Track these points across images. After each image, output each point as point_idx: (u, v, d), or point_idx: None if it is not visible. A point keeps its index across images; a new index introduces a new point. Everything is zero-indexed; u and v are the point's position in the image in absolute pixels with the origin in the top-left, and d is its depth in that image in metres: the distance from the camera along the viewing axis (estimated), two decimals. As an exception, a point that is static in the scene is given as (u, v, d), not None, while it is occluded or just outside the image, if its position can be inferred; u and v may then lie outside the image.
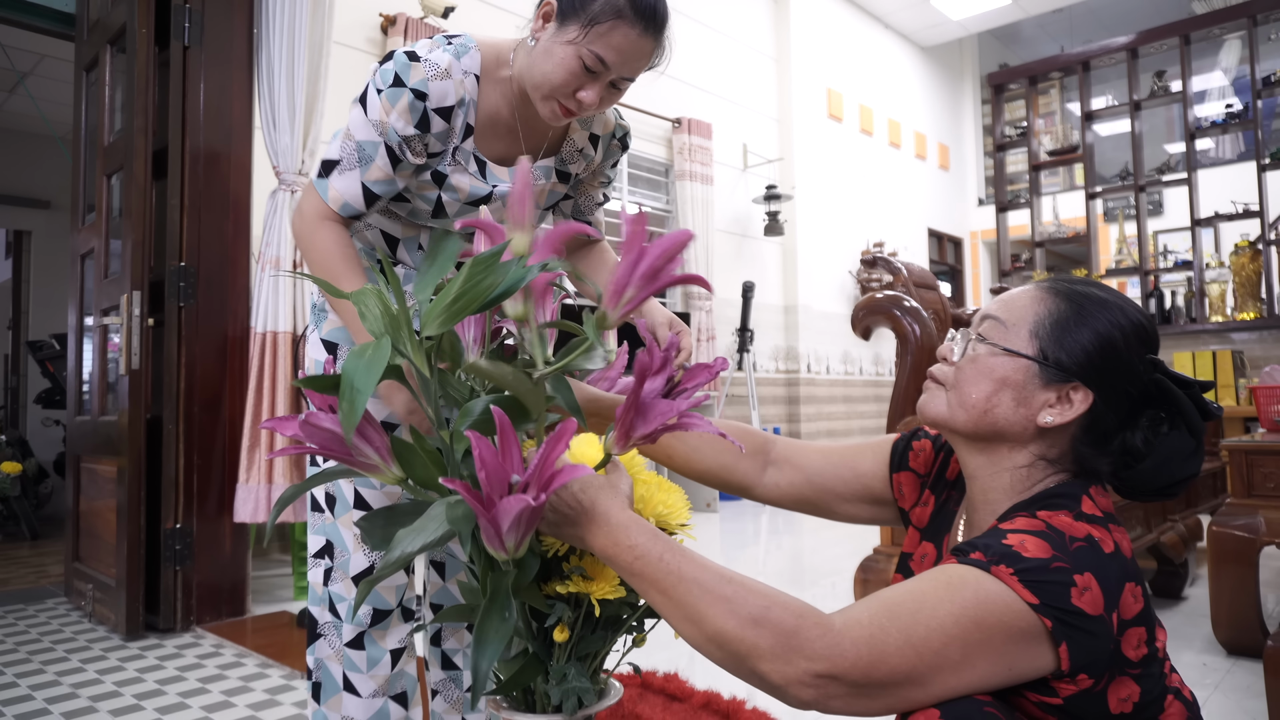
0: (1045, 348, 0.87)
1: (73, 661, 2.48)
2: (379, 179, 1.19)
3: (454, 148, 1.24)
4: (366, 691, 1.28)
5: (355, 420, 0.75)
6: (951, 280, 8.95)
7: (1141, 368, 0.87)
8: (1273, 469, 2.29)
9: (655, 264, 0.82)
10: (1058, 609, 0.74)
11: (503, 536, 0.76)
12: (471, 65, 1.22)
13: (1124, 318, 0.87)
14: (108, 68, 3.09)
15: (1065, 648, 0.74)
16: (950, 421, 0.92)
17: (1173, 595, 2.99)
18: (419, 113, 1.17)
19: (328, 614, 1.29)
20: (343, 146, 1.19)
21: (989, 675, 0.74)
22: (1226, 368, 5.07)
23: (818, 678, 0.71)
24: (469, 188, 1.26)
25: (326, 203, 1.19)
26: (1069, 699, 0.77)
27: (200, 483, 2.86)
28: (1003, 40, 10.13)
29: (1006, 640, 0.74)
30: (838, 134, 7.25)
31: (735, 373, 5.96)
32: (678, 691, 2.04)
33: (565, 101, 1.17)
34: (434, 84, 1.17)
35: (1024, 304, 0.90)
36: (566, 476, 0.75)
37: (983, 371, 0.89)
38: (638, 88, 5.37)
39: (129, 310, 2.73)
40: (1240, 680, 2.14)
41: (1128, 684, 0.78)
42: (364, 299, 0.90)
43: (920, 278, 2.99)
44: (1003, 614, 0.74)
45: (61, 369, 5.52)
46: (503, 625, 0.80)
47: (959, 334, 0.94)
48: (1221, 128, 6.24)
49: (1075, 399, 0.86)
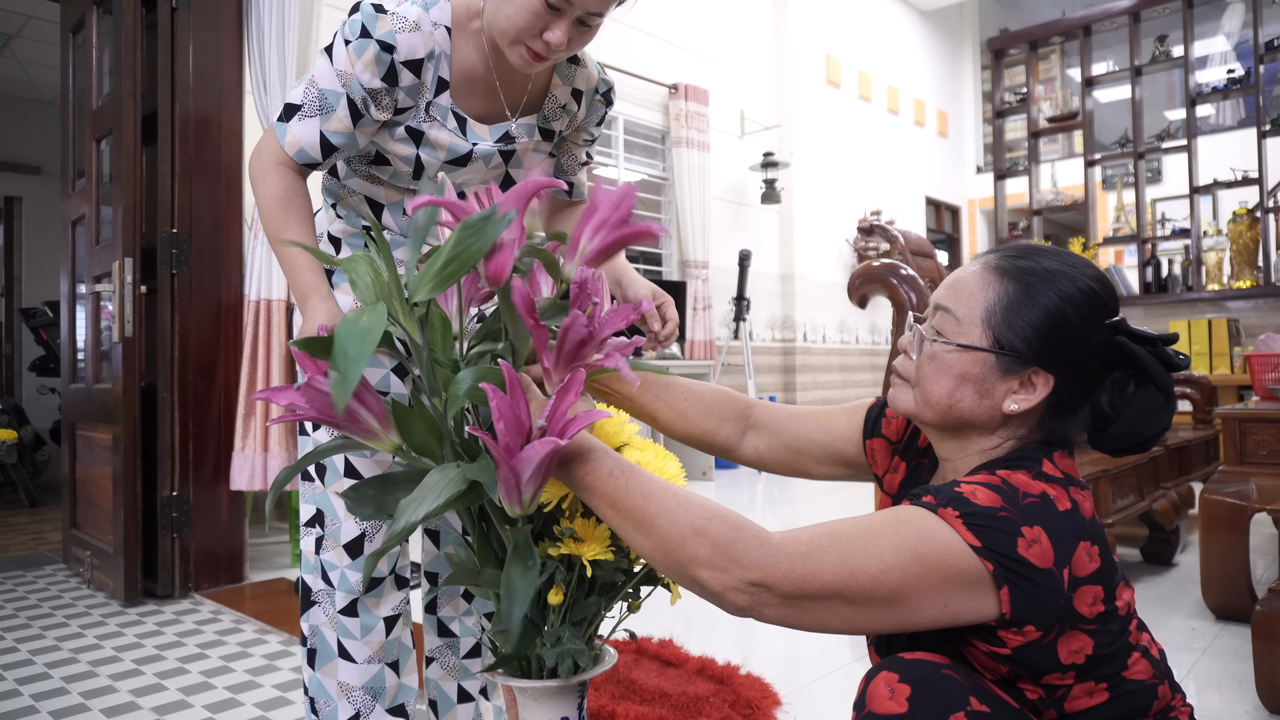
0: (999, 336, 0.86)
1: (72, 627, 2.49)
2: (338, 130, 1.17)
3: (427, 102, 1.21)
4: (361, 657, 1.28)
5: (350, 389, 0.73)
6: (949, 249, 8.92)
7: (1099, 335, 0.86)
8: (1266, 436, 2.30)
9: (604, 216, 0.83)
10: (1001, 554, 0.75)
11: (522, 487, 0.78)
12: (441, 17, 1.19)
13: (1073, 287, 0.86)
14: (94, 29, 3.04)
15: (1007, 593, 0.76)
16: (919, 416, 0.93)
17: (1164, 561, 3.02)
18: (385, 65, 1.14)
19: (320, 581, 1.30)
20: (305, 92, 1.17)
21: (922, 609, 0.76)
22: (1222, 336, 5.08)
23: (751, 585, 0.75)
24: (449, 143, 1.23)
25: (283, 147, 1.17)
26: (1017, 649, 0.78)
27: (196, 450, 2.86)
28: (1003, 4, 10.00)
29: (944, 579, 0.75)
30: (836, 100, 7.18)
31: (731, 341, 5.95)
32: (673, 657, 2.06)
33: (532, 44, 1.13)
34: (402, 36, 1.14)
35: (973, 290, 0.89)
36: (583, 422, 0.77)
37: (941, 368, 0.89)
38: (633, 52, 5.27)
39: (121, 277, 2.71)
40: (1228, 644, 2.17)
41: (1079, 638, 0.79)
42: (354, 266, 0.89)
43: (917, 245, 2.98)
44: (943, 552, 0.76)
45: (55, 336, 5.50)
46: (529, 573, 0.81)
47: (915, 328, 0.94)
48: (1223, 93, 6.18)
49: (1037, 383, 0.86)
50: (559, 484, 0.88)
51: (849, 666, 2.08)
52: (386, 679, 1.31)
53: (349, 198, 1.32)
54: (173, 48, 2.84)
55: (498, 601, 0.95)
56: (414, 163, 1.23)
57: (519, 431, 0.76)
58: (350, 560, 1.27)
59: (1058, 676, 0.79)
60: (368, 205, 1.32)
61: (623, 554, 0.90)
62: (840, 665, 2.09)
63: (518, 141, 1.28)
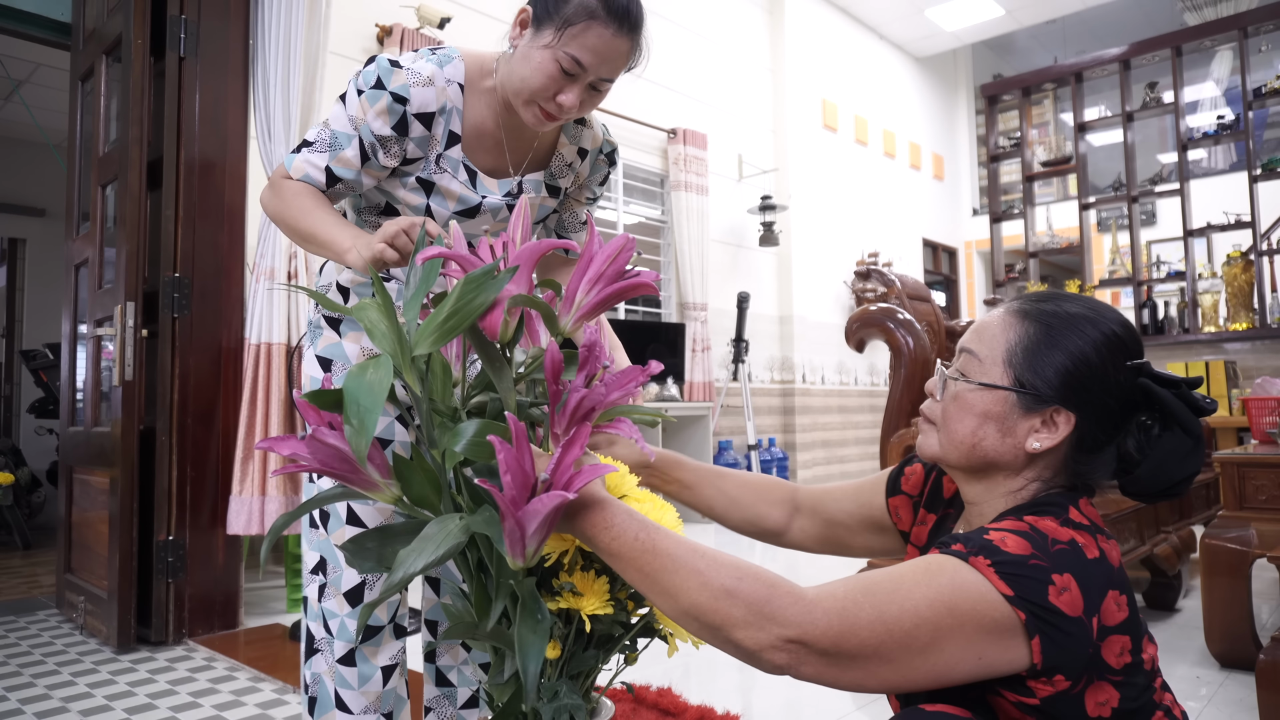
0: (1020, 376, 0.88)
1: (63, 674, 2.46)
2: (343, 166, 1.22)
3: (437, 155, 1.25)
4: (358, 708, 1.28)
5: (368, 437, 0.75)
6: (946, 290, 8.97)
7: (1122, 377, 0.87)
8: (1265, 481, 2.29)
9: (600, 269, 0.84)
10: (1032, 603, 0.75)
11: (526, 540, 0.77)
12: (455, 74, 1.24)
13: (1095, 331, 0.87)
14: (103, 77, 3.09)
15: (1039, 643, 0.75)
16: (944, 458, 0.94)
17: (1166, 607, 2.99)
18: (398, 115, 1.20)
19: (322, 630, 1.29)
20: (319, 132, 1.24)
21: (958, 663, 0.75)
22: (1219, 378, 5.09)
23: (789, 642, 0.74)
24: (460, 193, 1.27)
25: (289, 171, 1.24)
26: (1045, 700, 0.77)
27: (193, 494, 2.85)
28: (996, 51, 10.18)
29: (978, 629, 0.75)
30: (833, 144, 7.27)
31: (730, 383, 5.96)
32: (671, 706, 2.04)
33: (546, 105, 1.18)
34: (415, 90, 1.20)
35: (995, 333, 0.91)
36: (588, 476, 0.76)
37: (964, 408, 0.91)
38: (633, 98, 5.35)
39: (123, 321, 2.73)
40: (1233, 694, 2.14)
41: (1106, 689, 0.78)
42: (366, 313, 0.90)
43: (914, 289, 3.00)
44: (976, 602, 0.75)
45: (55, 379, 5.51)
46: (540, 626, 0.81)
47: (940, 371, 0.96)
48: (1213, 138, 6.28)
49: (1059, 421, 0.87)
50: (561, 538, 0.88)
51: (850, 716, 2.05)
52: None
53: None
54: (179, 95, 2.89)
55: (494, 655, 0.94)
56: (424, 212, 1.27)
57: (524, 484, 0.76)
58: (350, 609, 1.27)
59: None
60: None
61: (621, 607, 0.90)
62: (842, 715, 2.06)
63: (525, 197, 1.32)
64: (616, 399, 0.86)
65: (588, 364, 0.86)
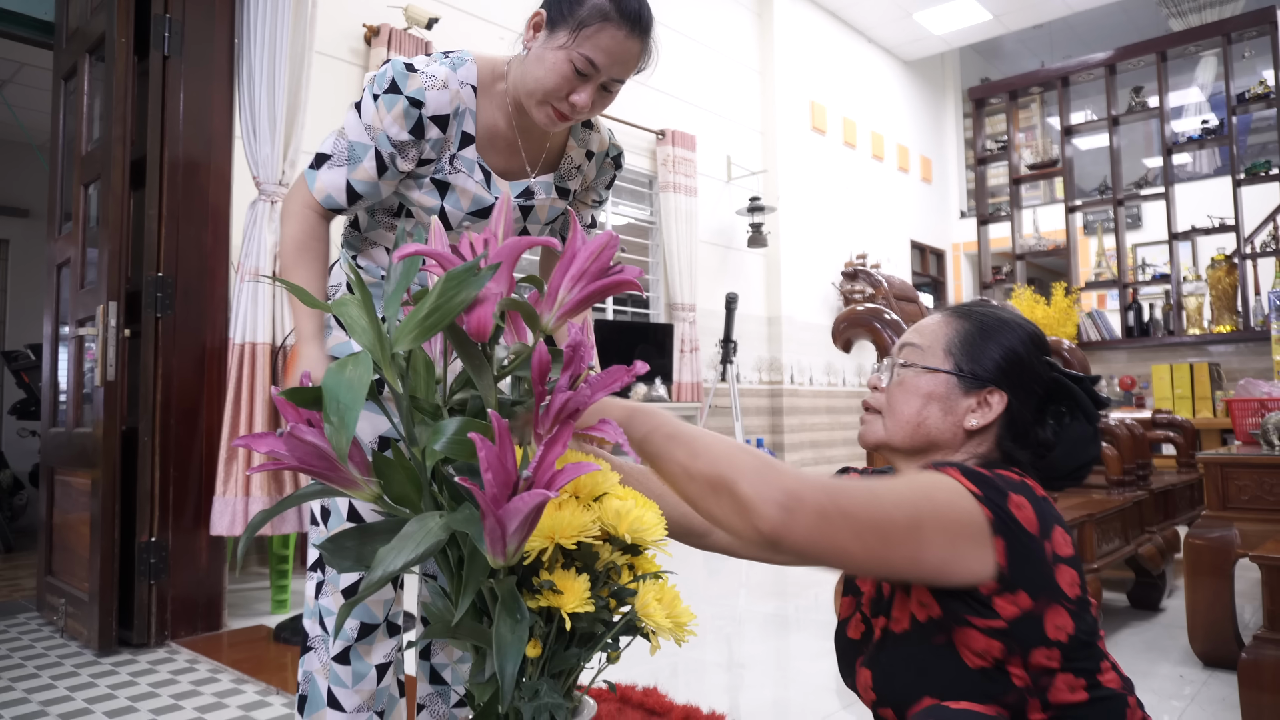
0: (960, 362, 1.00)
1: (43, 678, 2.44)
2: (363, 179, 1.24)
3: (451, 155, 1.27)
4: (350, 706, 1.28)
5: (349, 434, 0.75)
6: (934, 292, 9.00)
7: (1041, 368, 1.00)
8: (1247, 482, 2.31)
9: (583, 266, 0.84)
10: (997, 505, 0.85)
11: (507, 538, 0.77)
12: (468, 77, 1.27)
13: (1022, 330, 1.02)
14: (86, 77, 3.07)
15: (1002, 545, 0.84)
16: (889, 441, 1.03)
17: (1150, 607, 3.01)
18: (414, 119, 1.22)
19: (318, 627, 1.30)
20: (335, 143, 1.25)
21: (933, 546, 0.83)
22: (1204, 380, 5.12)
23: (787, 495, 0.80)
24: (475, 193, 1.29)
25: (312, 193, 1.26)
26: (1011, 622, 0.84)
27: (176, 495, 2.82)
28: (984, 55, 10.24)
29: (952, 520, 0.84)
30: (821, 146, 7.29)
31: (719, 384, 5.96)
32: (656, 706, 2.03)
33: (559, 105, 1.22)
34: (430, 93, 1.22)
35: (934, 328, 1.04)
36: (570, 475, 0.76)
37: (910, 391, 1.01)
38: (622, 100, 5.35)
39: (105, 321, 2.70)
40: (1216, 692, 2.15)
41: (1062, 614, 0.85)
42: (345, 309, 0.89)
43: (901, 290, 3.01)
44: (950, 495, 0.85)
45: (37, 380, 5.45)
46: (518, 626, 0.80)
47: (884, 363, 1.07)
48: (1198, 143, 6.33)
49: (993, 401, 0.99)
50: (540, 535, 0.88)
51: (836, 715, 2.05)
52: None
53: (369, 249, 1.37)
54: (163, 95, 2.87)
55: (475, 653, 0.94)
56: (439, 214, 1.29)
57: (506, 483, 0.75)
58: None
59: (1044, 655, 0.85)
60: (387, 255, 1.36)
61: (603, 605, 0.90)
62: (828, 714, 2.06)
63: (536, 198, 1.36)
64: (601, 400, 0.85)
65: (572, 364, 0.86)
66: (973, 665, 0.87)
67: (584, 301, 0.86)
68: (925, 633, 0.91)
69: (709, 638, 2.79)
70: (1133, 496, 2.79)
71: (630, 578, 0.93)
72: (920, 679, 0.91)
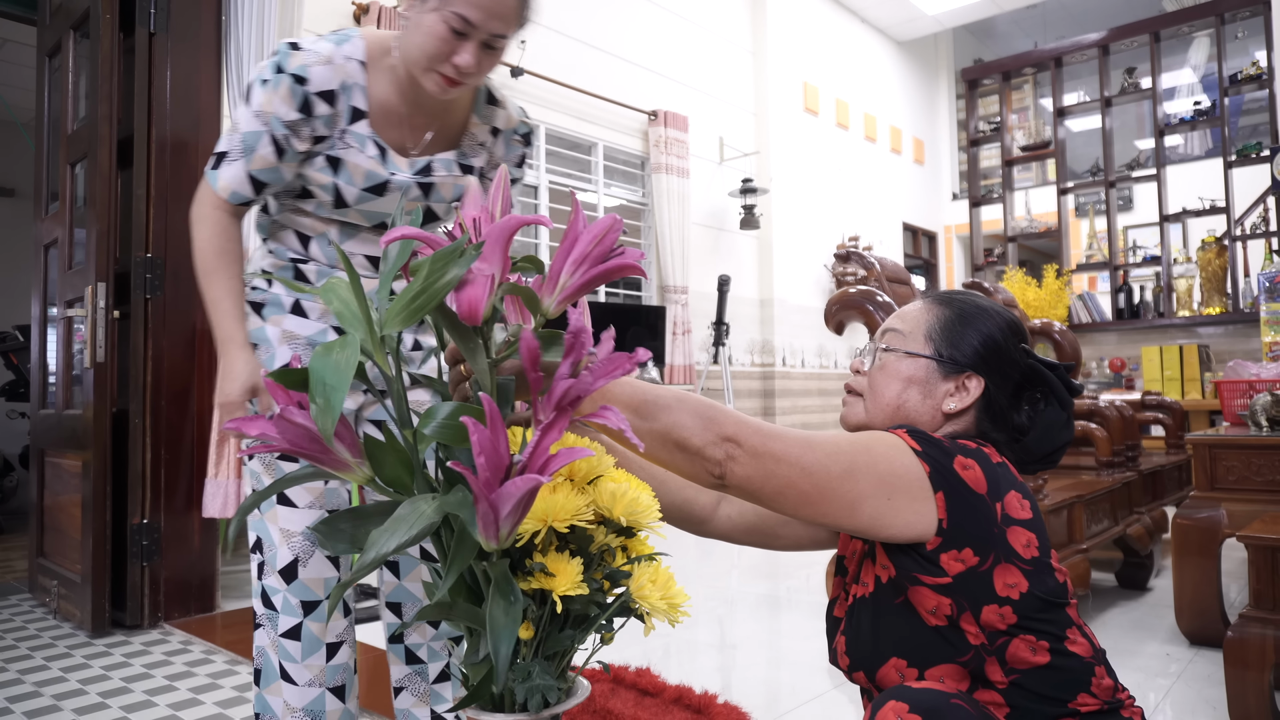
0: (939, 347, 1.03)
1: (36, 659, 2.44)
2: (263, 167, 1.24)
3: (341, 130, 1.27)
4: (302, 680, 1.31)
5: (334, 416, 0.75)
6: (926, 274, 9.01)
7: (1018, 355, 1.03)
8: (1235, 462, 2.33)
9: (585, 250, 0.83)
10: (938, 461, 0.89)
11: (500, 522, 0.77)
12: (354, 52, 1.26)
13: (999, 318, 1.04)
14: (71, 54, 3.03)
15: (943, 499, 0.88)
16: (870, 423, 1.05)
17: (1138, 586, 3.04)
18: (300, 97, 1.22)
19: (263, 606, 1.33)
20: (229, 139, 1.25)
21: (870, 494, 0.87)
22: (1193, 362, 5.15)
23: (725, 440, 0.87)
24: (367, 169, 1.28)
25: (217, 192, 1.26)
26: (958, 578, 0.87)
27: (168, 477, 2.82)
28: (977, 36, 10.19)
29: (887, 472, 0.88)
30: (814, 128, 7.26)
31: (711, 366, 5.97)
32: (649, 686, 2.05)
33: (444, 70, 1.19)
34: (314, 69, 1.22)
35: (916, 314, 1.07)
36: (564, 460, 0.76)
37: (891, 374, 1.04)
38: (613, 79, 5.31)
39: (94, 302, 2.68)
40: (1201, 670, 2.18)
41: (1014, 573, 0.88)
42: (336, 291, 0.89)
43: (893, 272, 3.01)
44: (889, 450, 0.89)
45: (25, 361, 5.42)
46: (512, 608, 0.81)
47: (866, 347, 1.11)
48: (1190, 124, 6.33)
49: (971, 386, 1.02)
50: (534, 518, 0.88)
51: (827, 694, 2.07)
52: (328, 703, 1.33)
53: (279, 232, 1.37)
54: (150, 72, 2.83)
55: (469, 635, 0.94)
56: (333, 192, 1.28)
57: (499, 467, 0.75)
58: (286, 585, 1.30)
59: (995, 612, 0.87)
60: (297, 238, 1.37)
61: (597, 587, 0.90)
62: (819, 693, 2.08)
63: (436, 174, 1.34)
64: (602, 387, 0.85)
65: (574, 350, 0.85)
66: (930, 624, 0.90)
67: (586, 285, 0.85)
68: (886, 594, 0.94)
69: (701, 618, 2.81)
70: (1122, 478, 2.82)
71: (624, 560, 0.93)
72: (885, 640, 0.94)
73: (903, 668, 0.93)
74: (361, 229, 1.37)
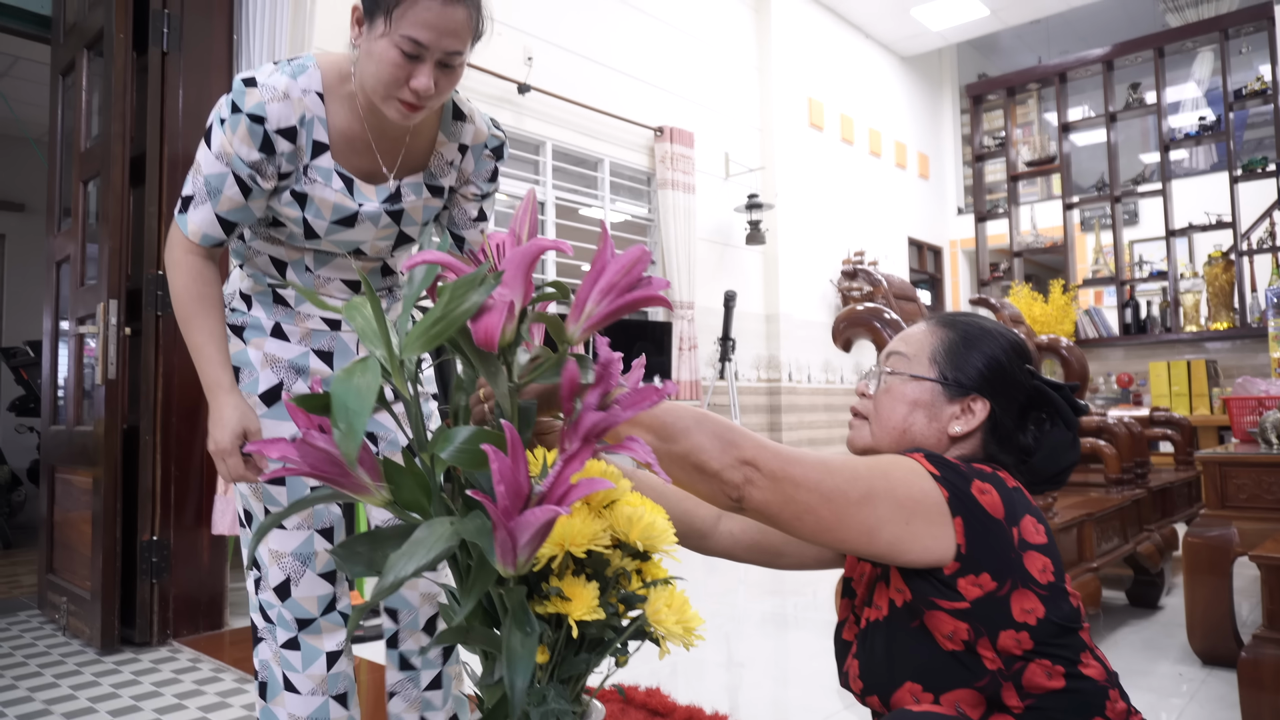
0: (944, 370, 1.03)
1: (45, 676, 2.44)
2: (230, 209, 1.23)
3: (305, 165, 1.25)
4: (305, 689, 1.33)
5: (357, 441, 0.75)
6: (931, 289, 9.01)
7: (1023, 376, 1.03)
8: (1246, 480, 2.32)
9: (612, 279, 0.83)
10: (956, 486, 0.89)
11: (518, 550, 0.77)
12: (311, 83, 1.23)
13: (1004, 339, 1.04)
14: (84, 72, 3.06)
15: (961, 525, 0.87)
16: (876, 446, 1.05)
17: (1149, 605, 3.02)
18: (259, 136, 1.19)
19: (262, 619, 1.35)
20: (193, 182, 1.24)
21: (887, 520, 0.87)
22: (1201, 377, 5.14)
23: (742, 463, 0.87)
24: (334, 202, 1.27)
25: (188, 236, 1.24)
26: (975, 602, 0.87)
27: (178, 494, 2.82)
28: (981, 51, 10.23)
29: (908, 496, 0.87)
30: (819, 143, 7.29)
31: (717, 382, 5.97)
32: (660, 706, 2.04)
33: (402, 95, 1.16)
34: (271, 106, 1.19)
35: (920, 337, 1.06)
36: (584, 490, 0.76)
37: (896, 398, 1.04)
38: (619, 96, 5.33)
39: (106, 319, 2.70)
40: (1215, 690, 2.16)
41: (1031, 598, 0.88)
42: (359, 311, 0.90)
43: (900, 289, 3.01)
44: (907, 474, 0.89)
45: (36, 376, 5.44)
46: (528, 640, 0.81)
47: (871, 370, 1.10)
48: (1195, 139, 6.34)
49: (976, 409, 1.02)
50: (550, 543, 0.88)
51: (837, 715, 2.06)
52: (332, 711, 1.35)
53: (255, 258, 1.37)
54: (163, 91, 2.86)
55: (484, 658, 0.94)
56: (303, 225, 1.28)
57: (519, 495, 0.75)
58: (281, 602, 1.32)
59: (1012, 637, 0.87)
60: (273, 264, 1.37)
61: (612, 611, 0.90)
62: (829, 714, 2.07)
63: (406, 200, 1.32)
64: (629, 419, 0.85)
65: (602, 382, 0.85)
66: (946, 648, 0.90)
67: (611, 315, 0.85)
68: (901, 618, 0.94)
69: (709, 636, 2.79)
70: (1131, 495, 2.81)
71: (639, 584, 0.93)
72: (900, 664, 0.93)
73: (918, 692, 0.92)
74: (336, 255, 1.36)
